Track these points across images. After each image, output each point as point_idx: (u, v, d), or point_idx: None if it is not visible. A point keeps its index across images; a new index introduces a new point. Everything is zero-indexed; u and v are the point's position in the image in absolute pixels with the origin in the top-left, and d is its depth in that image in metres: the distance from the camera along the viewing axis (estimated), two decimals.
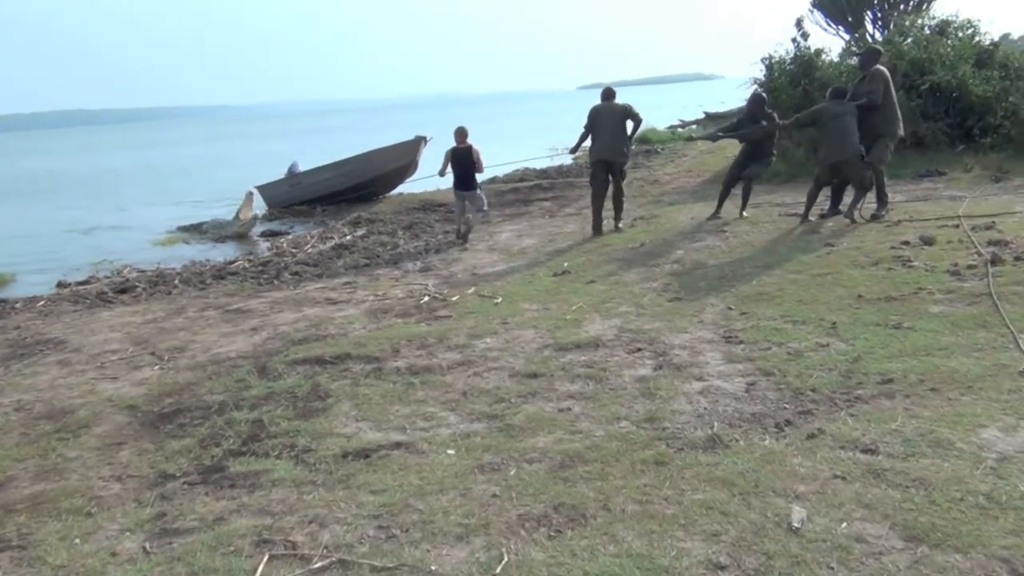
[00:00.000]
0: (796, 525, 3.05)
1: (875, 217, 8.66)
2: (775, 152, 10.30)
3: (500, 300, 7.50)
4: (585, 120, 10.45)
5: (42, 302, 9.62)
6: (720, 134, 10.98)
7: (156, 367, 6.47)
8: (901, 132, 9.08)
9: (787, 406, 4.35)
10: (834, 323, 5.60)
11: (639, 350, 5.62)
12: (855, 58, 15.86)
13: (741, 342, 5.51)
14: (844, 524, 3.07)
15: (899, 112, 9.00)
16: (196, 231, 15.67)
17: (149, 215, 18.91)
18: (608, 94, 10.56)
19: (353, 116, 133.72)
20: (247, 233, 14.74)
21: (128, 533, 3.68)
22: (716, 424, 4.18)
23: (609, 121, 10.22)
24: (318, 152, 27.29)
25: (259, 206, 16.75)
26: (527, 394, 4.96)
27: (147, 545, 3.52)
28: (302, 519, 3.56)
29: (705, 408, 4.44)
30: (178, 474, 4.35)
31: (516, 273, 8.84)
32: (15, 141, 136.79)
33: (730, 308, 6.34)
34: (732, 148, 16.11)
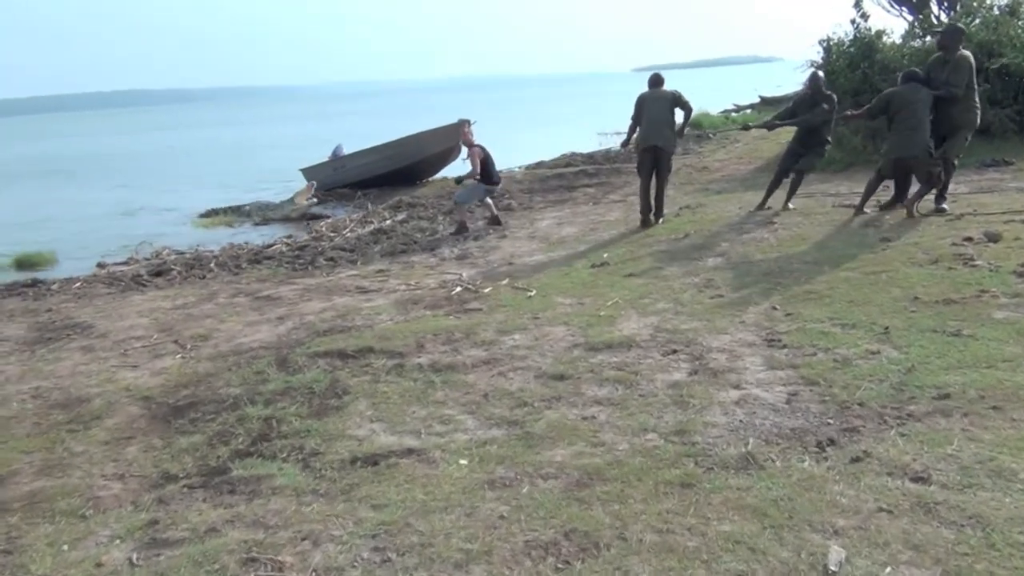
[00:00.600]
0: (833, 568, 2.71)
1: (940, 211, 8.07)
2: (830, 139, 9.69)
3: (534, 293, 7.21)
4: (632, 109, 10.03)
5: (78, 284, 9.60)
6: (777, 122, 10.19)
7: (178, 356, 6.33)
8: (978, 123, 8.43)
9: (831, 421, 3.98)
10: (887, 328, 5.17)
11: (674, 352, 5.27)
12: (918, 40, 15.19)
13: (784, 346, 5.13)
14: (888, 569, 2.72)
15: (978, 102, 8.33)
16: (239, 213, 15.63)
17: (193, 196, 18.96)
18: (655, 80, 10.09)
19: (402, 97, 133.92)
20: (299, 218, 14.62)
21: (118, 541, 3.48)
22: (751, 440, 3.83)
23: (656, 108, 9.77)
24: (367, 134, 27.19)
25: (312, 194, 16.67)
26: (551, 398, 4.67)
27: (134, 556, 3.32)
28: (296, 535, 3.32)
29: (741, 421, 4.09)
30: (181, 475, 4.16)
31: (553, 263, 8.52)
32: (49, 123, 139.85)
33: (775, 308, 5.94)
34: (787, 134, 15.56)
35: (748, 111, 30.27)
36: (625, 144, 11.14)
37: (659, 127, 9.71)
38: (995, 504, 3.03)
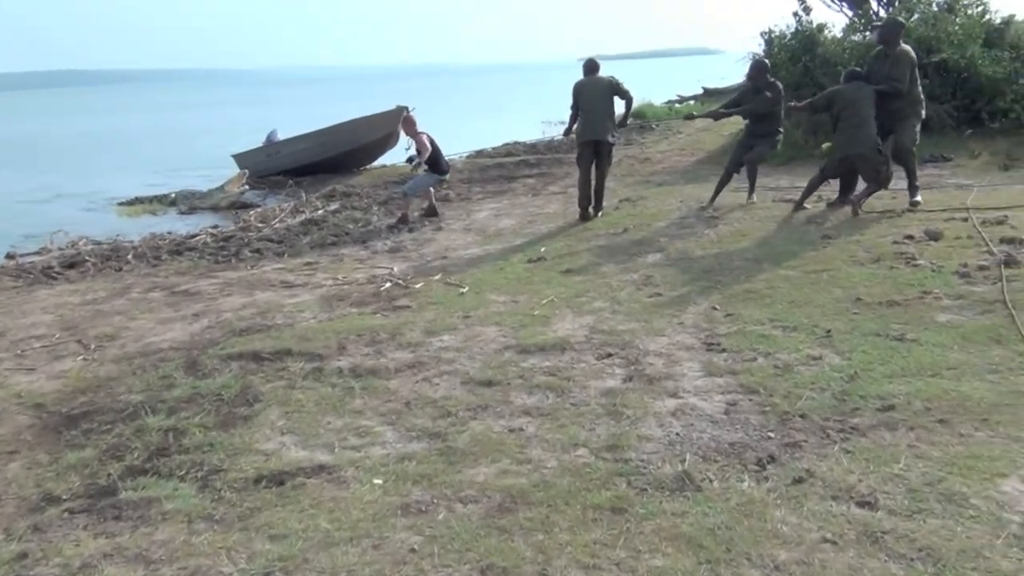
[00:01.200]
0: None
1: (914, 204, 7.88)
2: (781, 129, 9.37)
3: (466, 289, 6.88)
4: (571, 98, 9.73)
5: None
6: (722, 111, 9.87)
7: (80, 357, 5.86)
8: (924, 115, 8.28)
9: (772, 435, 3.74)
10: (828, 331, 4.98)
11: (609, 356, 5.00)
12: (859, 34, 15.20)
13: (724, 350, 4.90)
14: None
15: (922, 95, 8.18)
16: (164, 201, 14.96)
17: (119, 183, 18.11)
18: (591, 67, 9.74)
19: (345, 84, 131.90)
20: (228, 207, 13.99)
21: None
22: (688, 457, 3.57)
23: (594, 97, 9.47)
24: (304, 120, 26.49)
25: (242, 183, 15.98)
26: (477, 407, 4.35)
27: None
28: (179, 572, 2.95)
29: (677, 434, 3.83)
30: (64, 497, 3.75)
31: (489, 257, 8.20)
32: (17, 100, 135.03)
33: (714, 308, 5.71)
34: (732, 126, 15.48)
35: (692, 102, 30.26)
36: (567, 132, 10.86)
37: (599, 118, 9.42)
38: (946, 534, 2.81)
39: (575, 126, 9.70)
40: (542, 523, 3.08)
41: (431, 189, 11.15)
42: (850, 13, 21.69)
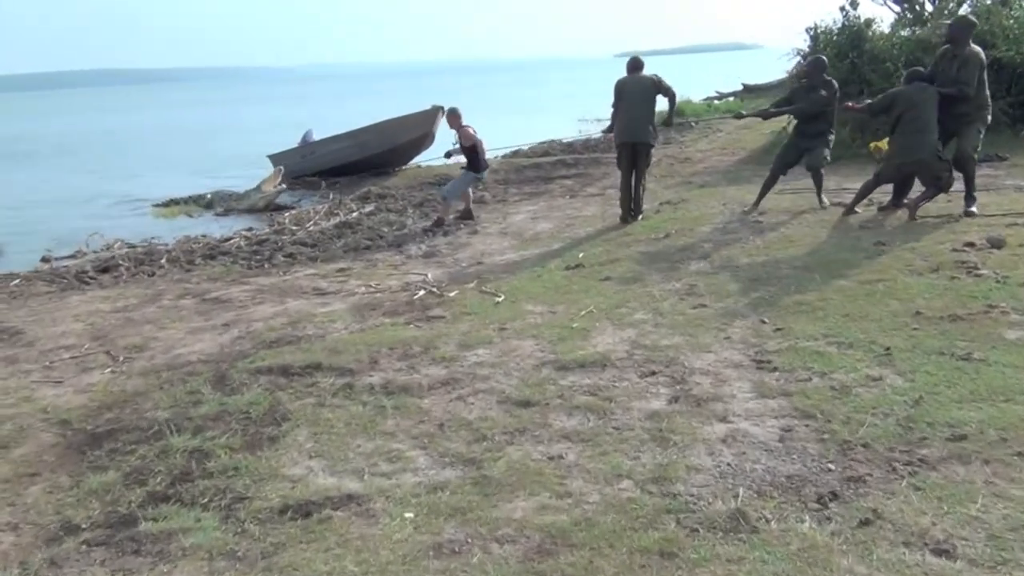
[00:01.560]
0: None
1: (969, 214, 7.46)
2: (833, 130, 8.88)
3: (502, 298, 6.66)
4: (612, 95, 9.45)
5: (16, 281, 8.92)
6: (773, 110, 9.38)
7: (108, 370, 5.73)
8: (989, 120, 7.84)
9: (832, 467, 3.46)
10: (888, 349, 4.67)
11: (653, 373, 4.75)
12: (908, 29, 14.72)
13: (775, 368, 4.62)
14: None
15: (989, 99, 7.76)
16: (200, 202, 14.90)
17: (157, 183, 18.20)
18: (635, 65, 9.46)
19: (382, 81, 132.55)
20: (265, 207, 13.88)
21: None
22: (742, 491, 3.31)
23: (635, 97, 9.17)
24: (340, 118, 26.47)
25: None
26: (514, 430, 4.12)
27: None
28: None
29: (729, 464, 3.57)
30: (83, 526, 3.59)
31: (526, 263, 7.97)
32: (22, 101, 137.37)
33: (763, 321, 5.42)
34: (772, 123, 15.07)
35: (731, 99, 29.79)
36: (609, 130, 10.61)
37: (638, 120, 9.13)
38: None
39: (615, 126, 9.42)
40: (585, 569, 2.84)
41: (469, 191, 10.95)
42: (897, 8, 21.12)
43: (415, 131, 15.77)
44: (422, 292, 7.07)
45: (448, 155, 11.70)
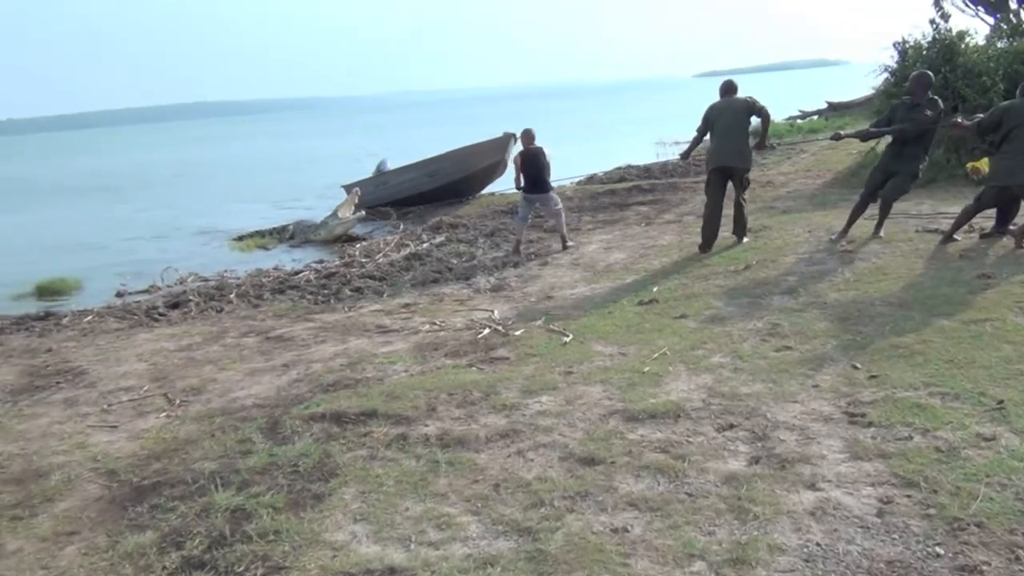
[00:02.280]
0: None
1: None
2: (927, 155, 8.22)
3: (570, 338, 6.29)
4: (699, 121, 9.03)
5: (89, 317, 8.98)
6: (873, 130, 8.63)
7: (163, 414, 5.58)
8: None
9: (940, 551, 2.99)
10: (1001, 402, 4.13)
11: (731, 427, 4.32)
12: (1005, 40, 13.85)
13: (870, 424, 4.13)
14: None
15: None
16: (280, 234, 14.94)
17: (235, 214, 18.51)
18: (727, 88, 8.99)
19: (463, 108, 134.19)
20: (344, 234, 13.84)
21: None
22: None
23: (727, 120, 8.72)
24: (423, 146, 26.61)
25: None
26: (576, 494, 3.75)
27: None
28: None
29: (818, 545, 3.12)
30: None
31: (597, 298, 7.59)
32: (105, 137, 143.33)
33: (855, 367, 4.93)
34: (861, 143, 14.36)
35: (815, 117, 28.90)
36: (685, 156, 10.19)
37: (731, 143, 8.68)
38: None
39: (707, 151, 8.99)
40: None
41: (562, 216, 10.57)
42: (988, 18, 20.08)
43: (488, 159, 15.59)
44: (487, 331, 6.76)
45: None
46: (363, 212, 14.58)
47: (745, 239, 8.97)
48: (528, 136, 10.46)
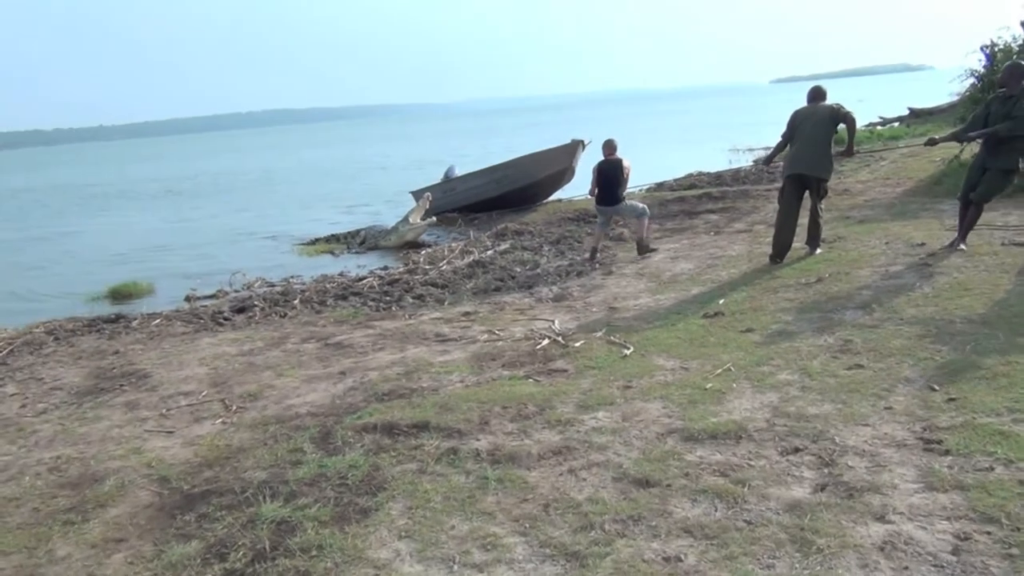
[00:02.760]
0: None
1: None
2: None
3: (631, 350, 6.10)
4: (784, 127, 8.75)
5: (157, 320, 9.14)
6: (971, 133, 7.97)
7: (219, 420, 5.59)
8: None
9: None
10: None
11: (797, 451, 4.09)
12: None
13: (947, 451, 3.86)
14: None
15: None
16: (355, 239, 15.02)
17: (309, 219, 18.76)
18: (815, 94, 8.67)
19: (541, 113, 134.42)
20: (414, 240, 13.85)
21: None
22: None
23: (810, 127, 8.40)
24: (493, 153, 26.67)
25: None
26: (628, 518, 3.58)
27: None
28: None
29: None
30: None
31: (661, 309, 7.38)
32: (212, 141, 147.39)
33: (932, 388, 4.64)
34: (944, 150, 13.81)
35: (895, 124, 28.01)
36: (767, 162, 9.93)
37: (810, 151, 8.35)
38: None
39: (786, 156, 8.70)
40: None
41: (644, 221, 10.38)
42: None
43: (555, 166, 15.47)
44: (546, 341, 6.62)
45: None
46: (434, 218, 14.56)
47: (818, 250, 8.65)
48: (609, 147, 10.25)
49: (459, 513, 3.83)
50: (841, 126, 8.45)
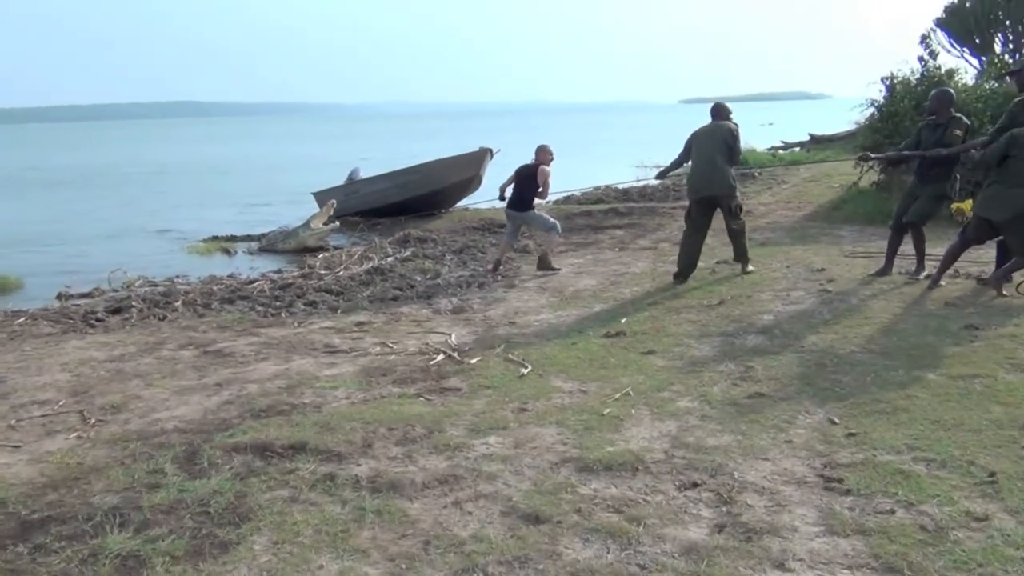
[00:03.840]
0: None
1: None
2: (958, 176, 7.66)
3: (528, 370, 5.83)
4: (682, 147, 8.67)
5: (22, 319, 8.39)
6: (906, 153, 8.00)
7: (74, 434, 5.04)
8: None
9: None
10: (992, 474, 3.72)
11: (695, 485, 3.87)
12: (994, 81, 13.66)
13: (848, 491, 3.70)
14: None
15: None
16: (258, 241, 14.23)
17: (205, 217, 17.92)
18: (717, 111, 8.65)
19: (453, 120, 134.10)
20: (316, 245, 13.15)
21: None
22: None
23: (705, 146, 8.36)
24: (401, 156, 26.18)
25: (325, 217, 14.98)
26: (514, 559, 3.28)
27: None
28: None
29: None
30: None
31: (561, 326, 7.15)
32: (107, 129, 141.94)
33: (832, 421, 4.51)
34: (841, 176, 14.11)
35: (796, 149, 28.83)
36: (661, 176, 9.91)
37: (710, 171, 8.30)
38: None
39: (687, 176, 8.65)
40: None
41: (553, 236, 10.09)
42: (973, 60, 20.00)
43: (463, 173, 15.17)
44: (440, 357, 6.29)
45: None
46: (337, 223, 13.99)
47: (749, 267, 8.65)
48: (539, 151, 10.04)
49: (329, 550, 3.46)
50: None
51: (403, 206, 15.48)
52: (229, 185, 27.57)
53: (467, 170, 15.04)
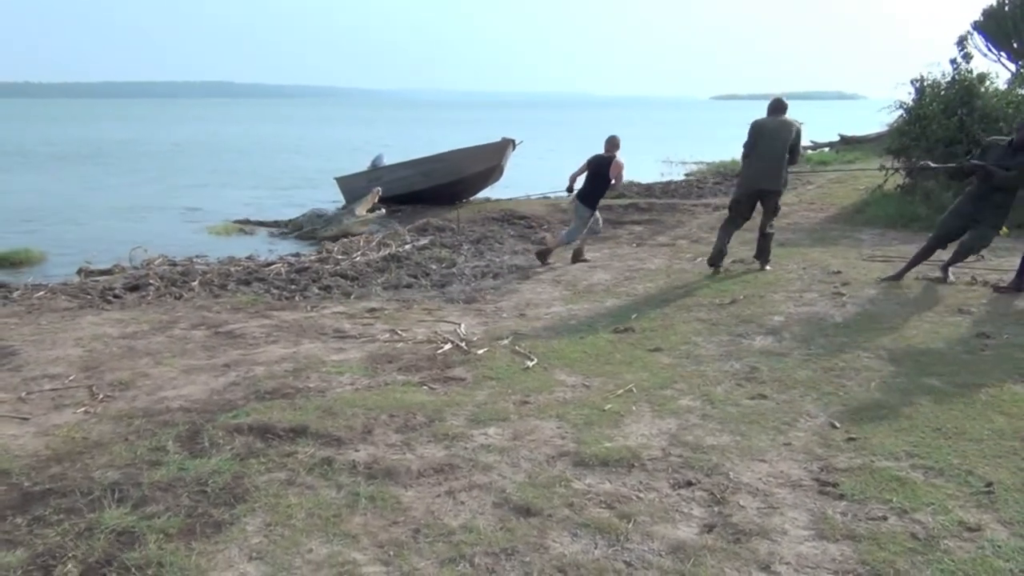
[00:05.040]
0: None
1: None
2: (1012, 203, 7.41)
3: (534, 362, 5.84)
4: (746, 136, 8.57)
5: (41, 292, 8.53)
6: (977, 163, 7.40)
7: (82, 409, 5.12)
8: None
9: None
10: (989, 484, 3.69)
11: (689, 484, 3.87)
12: None
13: (842, 496, 3.68)
14: None
15: None
16: (296, 225, 14.12)
17: (231, 197, 18.07)
18: (776, 106, 8.57)
19: (482, 110, 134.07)
20: (359, 232, 12.99)
21: None
22: None
23: (772, 142, 8.29)
24: (430, 144, 26.23)
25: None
26: (501, 551, 3.30)
27: None
28: None
29: None
30: None
31: (572, 320, 7.15)
32: (153, 107, 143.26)
33: (833, 425, 4.48)
34: (868, 178, 13.96)
35: (826, 149, 28.55)
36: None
37: (776, 167, 8.28)
38: None
39: (742, 170, 8.62)
40: None
41: (595, 235, 10.08)
42: (1010, 64, 19.66)
43: (484, 163, 15.17)
44: (448, 346, 6.31)
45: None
46: (383, 210, 13.85)
47: (768, 266, 8.62)
48: (610, 143, 9.81)
49: (320, 534, 3.49)
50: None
51: (425, 194, 15.52)
52: (254, 166, 27.75)
53: (489, 160, 15.04)
